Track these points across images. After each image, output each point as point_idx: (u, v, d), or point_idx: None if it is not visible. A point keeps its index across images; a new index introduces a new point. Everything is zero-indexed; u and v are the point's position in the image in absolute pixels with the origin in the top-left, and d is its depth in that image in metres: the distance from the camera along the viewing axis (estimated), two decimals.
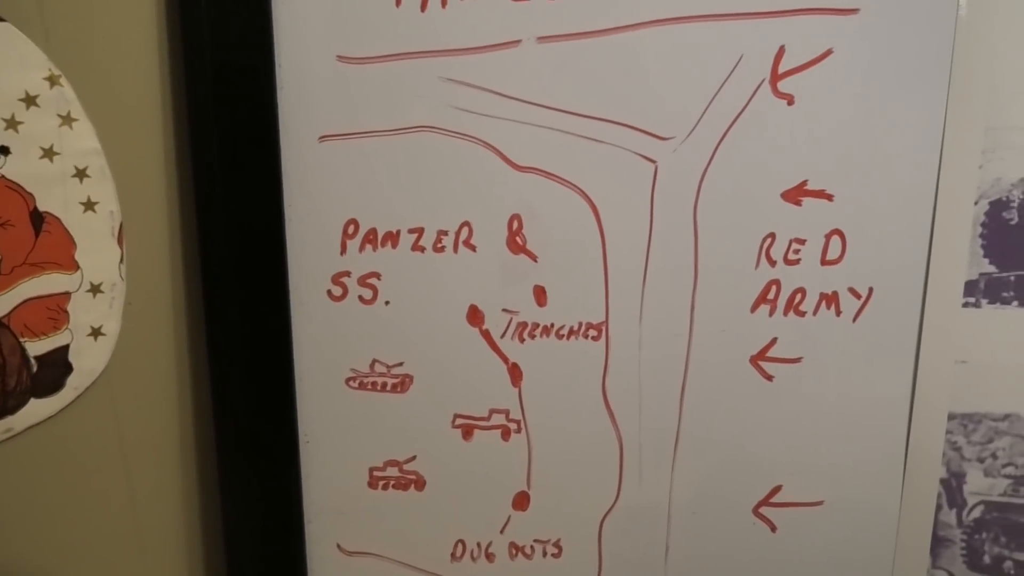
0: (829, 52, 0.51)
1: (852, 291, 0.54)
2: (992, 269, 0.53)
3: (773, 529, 0.59)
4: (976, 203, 0.52)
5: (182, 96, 0.53)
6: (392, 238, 0.55)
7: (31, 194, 0.51)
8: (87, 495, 0.56)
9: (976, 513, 0.57)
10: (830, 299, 0.54)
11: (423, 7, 0.51)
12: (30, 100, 0.50)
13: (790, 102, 0.52)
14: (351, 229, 0.55)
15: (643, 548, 0.60)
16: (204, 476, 0.60)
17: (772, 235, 0.54)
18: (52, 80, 0.50)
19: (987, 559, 0.57)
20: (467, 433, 0.58)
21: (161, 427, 0.58)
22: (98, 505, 0.57)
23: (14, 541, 0.55)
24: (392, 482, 0.59)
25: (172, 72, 0.53)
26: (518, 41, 0.51)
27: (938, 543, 0.58)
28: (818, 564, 0.59)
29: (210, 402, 0.58)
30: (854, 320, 0.55)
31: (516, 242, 0.54)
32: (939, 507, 0.57)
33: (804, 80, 0.51)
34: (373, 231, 0.55)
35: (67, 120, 0.51)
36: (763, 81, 0.51)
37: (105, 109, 0.52)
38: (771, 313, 0.55)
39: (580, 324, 0.56)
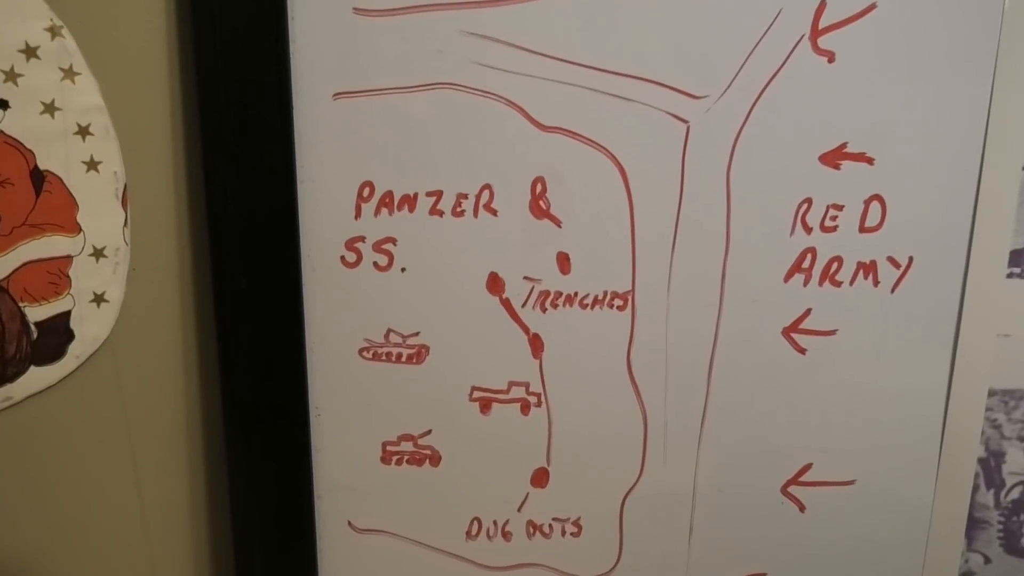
0: (872, 6, 0.49)
1: (891, 260, 0.53)
2: None
3: (802, 509, 0.58)
4: None
5: (189, 51, 0.52)
6: (409, 201, 0.53)
7: (31, 151, 0.49)
8: (89, 467, 0.56)
9: (1015, 494, 0.56)
10: (868, 268, 0.53)
11: None
12: (30, 52, 0.48)
13: (830, 59, 0.50)
14: (366, 192, 0.53)
15: (666, 528, 0.59)
16: (211, 450, 0.59)
17: (808, 200, 0.53)
18: (53, 31, 0.48)
19: None
20: (485, 407, 0.57)
21: (166, 398, 0.57)
22: (101, 478, 0.56)
23: (14, 511, 0.54)
24: (406, 457, 0.58)
25: (179, 25, 0.52)
26: None
27: (974, 525, 0.57)
28: (848, 545, 0.58)
29: (217, 373, 0.57)
30: (892, 291, 0.54)
31: (539, 206, 0.53)
32: (976, 487, 0.56)
33: (846, 36, 0.50)
34: (389, 194, 0.53)
35: (69, 74, 0.49)
36: (802, 37, 0.50)
37: (109, 63, 0.50)
38: (805, 283, 0.54)
39: (605, 293, 0.55)
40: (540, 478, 0.59)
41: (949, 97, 0.51)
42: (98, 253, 0.52)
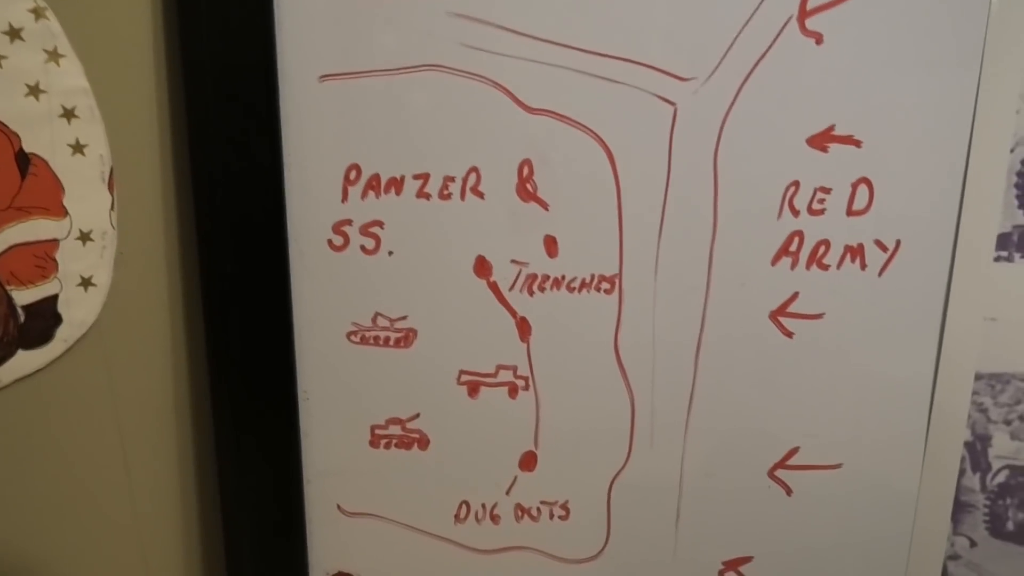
0: None
1: (879, 243, 0.53)
2: None
3: (789, 492, 0.58)
4: (1012, 150, 0.51)
5: (175, 33, 0.52)
6: (396, 184, 0.53)
7: (16, 134, 0.49)
8: (78, 450, 0.56)
9: (1001, 478, 0.56)
10: (855, 252, 0.53)
11: None
12: (14, 33, 0.48)
13: (818, 41, 0.50)
14: (353, 175, 0.53)
15: (654, 511, 0.59)
16: (199, 434, 0.59)
17: (796, 183, 0.52)
18: (37, 13, 0.48)
19: (1011, 525, 0.57)
20: (473, 390, 0.57)
21: (155, 382, 0.57)
22: (89, 460, 0.56)
23: (2, 494, 0.54)
24: (394, 441, 0.58)
25: (165, 6, 0.51)
26: None
27: (960, 508, 0.57)
28: (835, 529, 0.59)
29: (205, 357, 0.57)
30: (880, 274, 0.54)
31: (526, 189, 0.53)
32: (962, 471, 0.57)
33: (834, 17, 0.50)
34: (376, 177, 0.53)
35: (53, 56, 0.49)
36: (790, 18, 0.50)
37: (94, 45, 0.50)
38: (793, 266, 0.54)
39: (592, 276, 0.55)
40: (528, 461, 0.59)
41: (937, 80, 0.50)
42: (85, 237, 0.52)
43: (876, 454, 0.56)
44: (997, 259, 0.53)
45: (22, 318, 0.51)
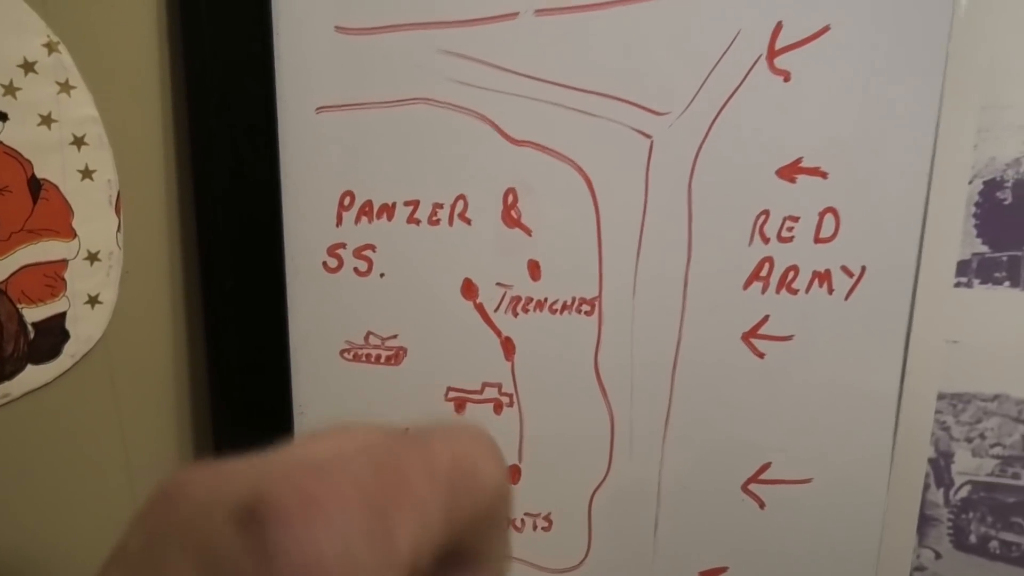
0: (826, 29, 0.50)
1: (845, 269, 0.54)
2: (985, 249, 0.53)
3: (762, 506, 0.59)
4: (970, 182, 0.52)
5: (180, 66, 0.53)
6: (388, 210, 0.55)
7: (29, 161, 0.51)
8: (84, 460, 0.57)
9: (963, 493, 0.57)
10: (823, 277, 0.54)
11: None
12: (28, 67, 0.50)
13: (786, 79, 0.51)
14: (347, 201, 0.55)
15: (633, 522, 0.60)
16: (200, 445, 0.60)
17: (766, 212, 0.53)
18: (50, 47, 0.50)
19: (973, 538, 0.57)
20: (460, 406, 0.58)
21: (158, 395, 0.58)
22: (94, 470, 0.57)
23: (11, 501, 0.55)
24: None
25: (170, 41, 0.53)
26: (516, 13, 0.51)
27: (925, 522, 0.58)
28: (806, 540, 0.59)
29: (206, 372, 0.58)
30: (846, 298, 0.54)
31: (511, 216, 0.55)
32: (927, 486, 0.57)
33: (801, 57, 0.51)
34: (369, 203, 0.55)
35: (65, 87, 0.51)
36: (760, 57, 0.51)
37: (103, 77, 0.52)
38: (764, 290, 0.55)
39: (573, 299, 0.56)
40: (512, 475, 0.60)
41: (899, 115, 0.51)
42: (92, 257, 0.54)
43: (844, 470, 0.57)
44: (957, 285, 0.53)
45: (32, 335, 0.53)
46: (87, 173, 0.52)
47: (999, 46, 0.50)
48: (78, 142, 0.52)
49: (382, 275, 0.56)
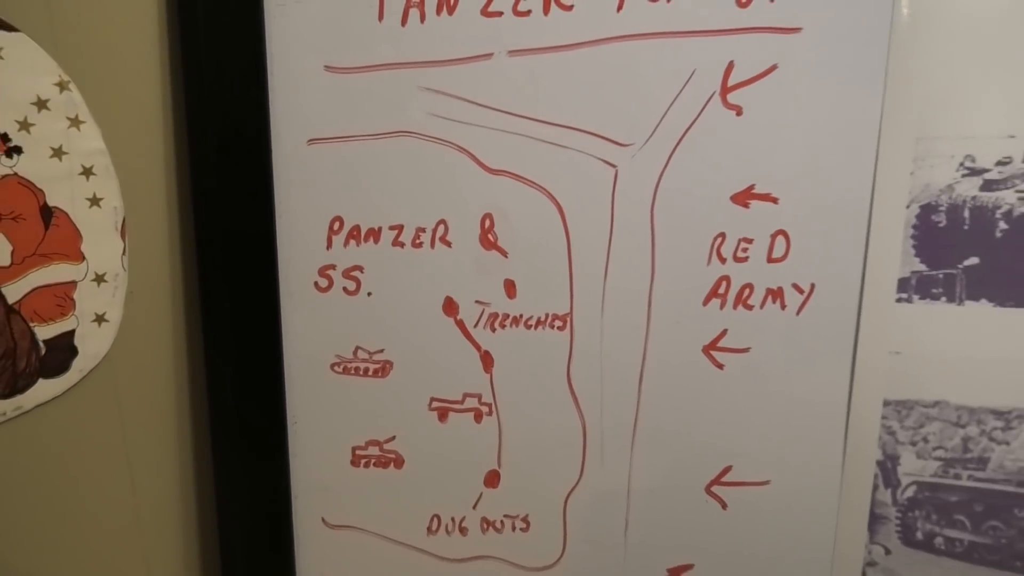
0: (774, 67, 0.53)
1: (796, 287, 0.56)
2: (923, 267, 0.55)
3: (724, 506, 0.61)
4: (908, 207, 0.55)
5: (181, 102, 0.55)
6: (374, 234, 0.57)
7: (41, 190, 0.52)
8: (89, 469, 0.58)
9: (909, 492, 0.59)
10: (775, 294, 0.56)
11: (404, 22, 0.53)
12: (41, 104, 0.51)
13: (739, 113, 0.53)
14: (336, 226, 0.57)
15: (605, 523, 0.61)
16: (199, 455, 0.61)
17: (722, 234, 0.55)
18: (61, 85, 0.52)
19: (919, 535, 0.59)
20: (442, 415, 0.60)
21: (159, 408, 0.59)
22: (99, 478, 0.58)
23: (20, 508, 0.56)
24: (373, 460, 0.61)
25: (172, 80, 0.55)
26: (491, 54, 0.53)
27: (875, 520, 0.60)
28: (765, 538, 0.61)
29: (205, 386, 0.59)
30: (798, 313, 0.56)
31: (488, 239, 0.56)
32: (876, 487, 0.59)
33: (752, 93, 0.53)
34: (357, 227, 0.57)
35: (75, 122, 0.53)
36: (714, 93, 0.53)
37: (110, 112, 0.53)
38: (722, 306, 0.56)
39: (547, 315, 0.57)
40: (492, 479, 0.61)
41: (843, 145, 0.54)
42: (99, 278, 0.55)
43: (799, 472, 0.59)
44: (899, 300, 0.56)
45: (43, 351, 0.54)
46: (95, 201, 0.54)
47: (931, 83, 0.53)
48: (87, 172, 0.53)
49: (369, 294, 0.58)
